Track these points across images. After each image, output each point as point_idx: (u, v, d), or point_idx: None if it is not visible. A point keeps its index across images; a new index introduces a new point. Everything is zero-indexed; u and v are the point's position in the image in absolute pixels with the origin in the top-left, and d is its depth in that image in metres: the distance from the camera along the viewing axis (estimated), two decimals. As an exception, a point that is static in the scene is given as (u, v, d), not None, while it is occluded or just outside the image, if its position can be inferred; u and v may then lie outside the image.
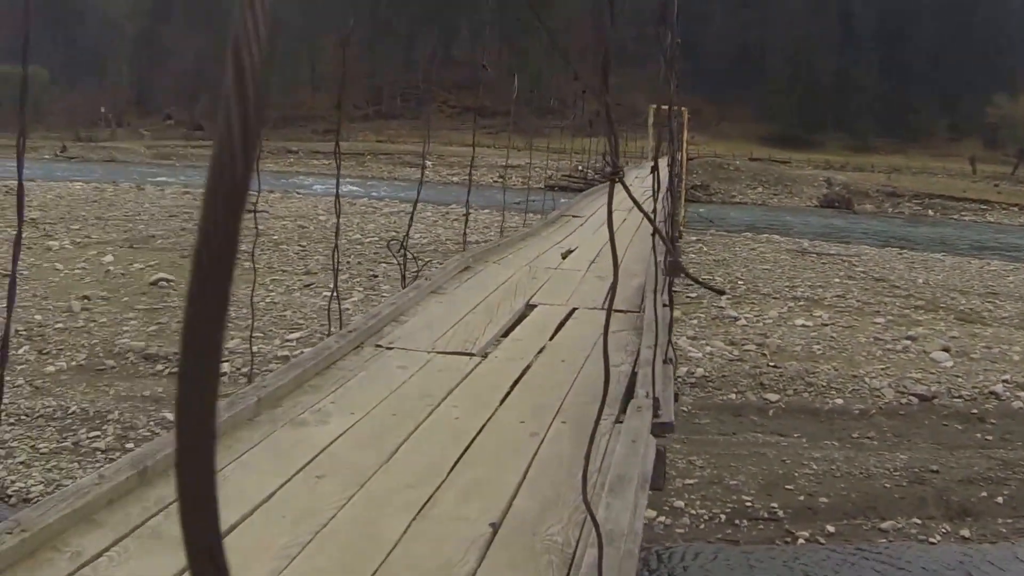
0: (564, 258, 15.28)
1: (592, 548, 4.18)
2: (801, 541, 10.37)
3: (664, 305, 9.34)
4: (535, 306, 10.86)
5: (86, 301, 18.08)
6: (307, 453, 5.82)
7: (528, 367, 8.18)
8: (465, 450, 6.04)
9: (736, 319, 19.34)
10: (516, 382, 7.68)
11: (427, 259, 22.17)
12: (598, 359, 7.99)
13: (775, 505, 11.01)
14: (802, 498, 11.25)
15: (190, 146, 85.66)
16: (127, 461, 5.17)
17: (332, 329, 9.47)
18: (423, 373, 7.83)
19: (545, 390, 7.50)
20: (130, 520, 4.71)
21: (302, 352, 14.19)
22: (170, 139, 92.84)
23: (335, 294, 9.66)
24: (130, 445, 11.58)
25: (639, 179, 39.87)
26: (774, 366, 15.58)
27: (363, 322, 9.10)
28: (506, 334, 9.52)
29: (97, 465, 10.99)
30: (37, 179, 42.66)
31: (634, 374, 7.64)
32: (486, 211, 31.89)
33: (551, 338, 9.40)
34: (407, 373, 7.75)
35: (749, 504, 11.01)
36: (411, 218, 12.67)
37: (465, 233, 16.39)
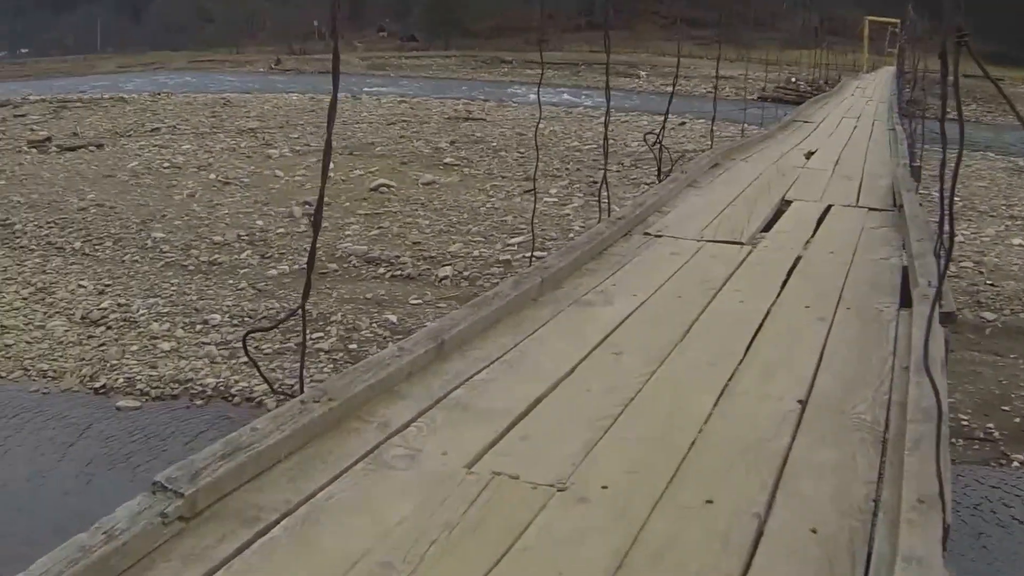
0: (808, 158, 14.98)
1: (914, 424, 4.17)
2: (1016, 464, 9.77)
3: (921, 204, 9.38)
4: (790, 202, 10.89)
5: (307, 207, 18.06)
6: (599, 331, 5.86)
7: (799, 257, 8.13)
8: (756, 332, 6.01)
9: (939, 236, 18.50)
10: (791, 270, 7.66)
11: (645, 167, 21.86)
12: (866, 251, 8.15)
13: (991, 426, 10.41)
14: (1018, 420, 10.63)
15: (403, 57, 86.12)
16: (425, 334, 5.23)
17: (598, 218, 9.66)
18: (697, 259, 7.92)
19: (822, 279, 7.44)
20: (432, 392, 4.73)
21: (523, 256, 14.11)
22: (383, 50, 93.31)
23: (604, 183, 9.73)
24: (353, 346, 11.66)
25: (860, 88, 39.11)
26: (991, 284, 14.80)
27: (630, 211, 9.20)
28: (767, 227, 9.52)
29: (320, 365, 11.17)
30: (254, 91, 43.22)
31: (904, 267, 7.62)
32: (701, 120, 31.37)
33: (814, 232, 9.31)
34: (681, 259, 7.84)
35: (965, 423, 10.44)
36: (664, 117, 12.48)
37: (712, 131, 16.71)
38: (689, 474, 4.04)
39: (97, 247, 15.88)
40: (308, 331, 11.67)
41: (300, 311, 4.77)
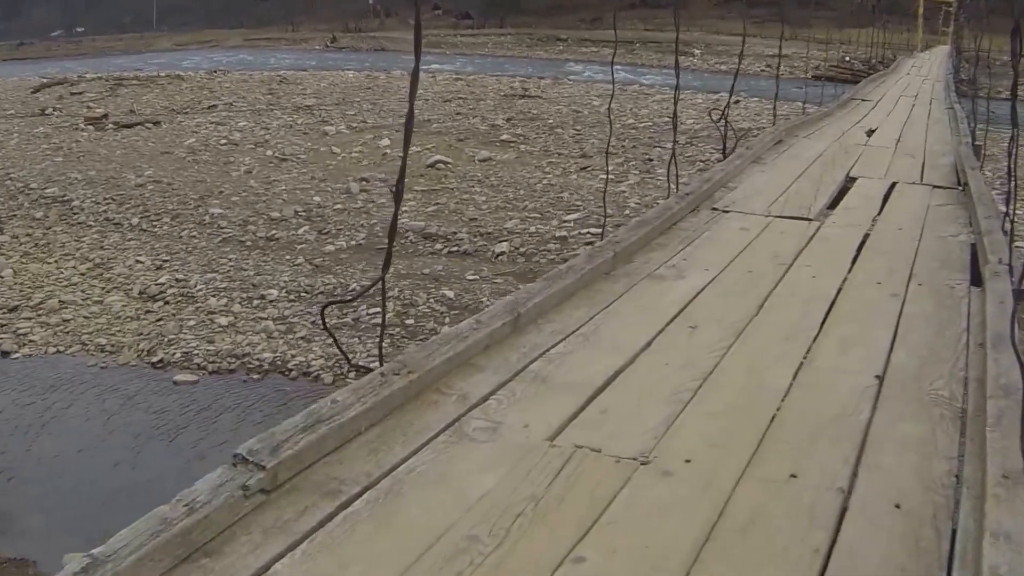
0: (869, 136, 14.87)
1: (994, 400, 4.19)
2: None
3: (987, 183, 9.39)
4: (855, 179, 10.83)
5: (364, 183, 18.06)
6: (673, 305, 5.89)
7: (868, 234, 8.09)
8: (830, 307, 6.00)
9: (1006, 214, 18.36)
10: (861, 246, 7.63)
11: (702, 144, 21.73)
12: (933, 228, 8.18)
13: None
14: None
15: (458, 35, 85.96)
16: (501, 307, 5.25)
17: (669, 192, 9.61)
18: (766, 235, 7.91)
19: (892, 255, 7.41)
20: (510, 365, 4.74)
21: (579, 233, 14.07)
22: (438, 28, 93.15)
23: (672, 159, 9.49)
24: (410, 322, 11.63)
25: (915, 67, 38.90)
26: (1051, 262, 14.63)
27: (697, 186, 9.18)
28: (833, 203, 9.49)
29: (377, 340, 10.97)
30: (310, 68, 43.20)
31: (972, 245, 7.71)
32: (755, 99, 31.15)
33: (880, 209, 9.29)
34: (750, 235, 7.83)
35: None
36: (730, 94, 12.56)
37: (775, 106, 16.46)
38: (771, 448, 4.02)
39: (155, 223, 15.94)
40: (364, 306, 11.84)
41: (380, 283, 4.81)
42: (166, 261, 14.00)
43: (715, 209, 8.65)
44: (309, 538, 3.23)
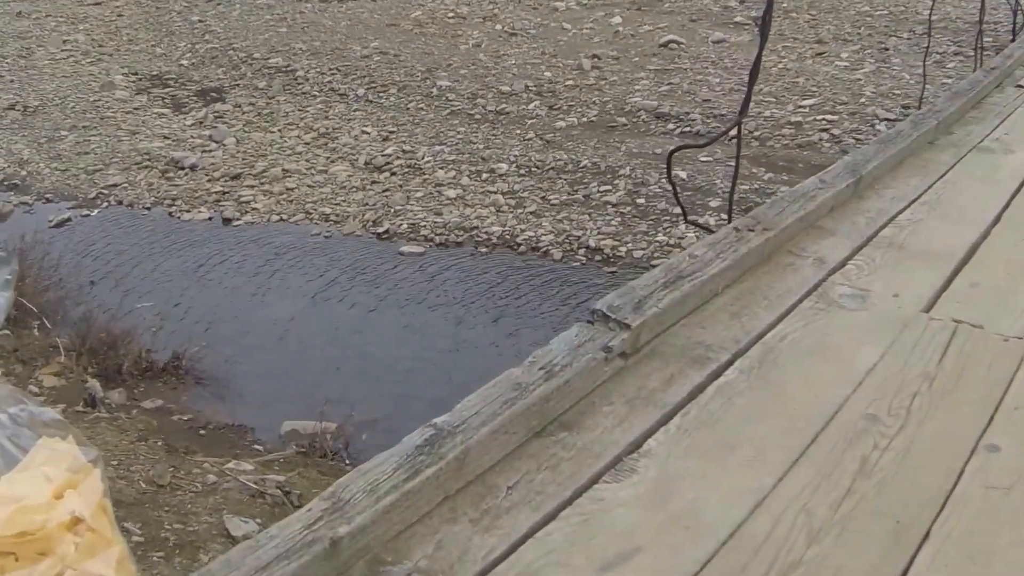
0: None
1: None
2: None
3: None
4: None
5: (596, 60, 17.64)
6: (1011, 179, 5.38)
7: None
8: None
9: None
10: None
11: (937, 36, 20.80)
12: None
13: None
14: None
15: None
16: (842, 167, 4.87)
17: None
18: None
19: None
20: (860, 230, 4.36)
21: (814, 119, 13.55)
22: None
23: (979, 34, 9.06)
24: (640, 200, 11.44)
25: None
26: None
27: (1001, 61, 8.52)
28: None
29: (608, 218, 11.07)
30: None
31: None
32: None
33: None
34: None
35: None
36: None
37: None
38: None
39: (381, 94, 15.86)
40: (596, 183, 11.53)
41: (737, 127, 4.45)
42: (392, 132, 13.98)
43: (1020, 86, 8.04)
44: (682, 411, 2.86)
